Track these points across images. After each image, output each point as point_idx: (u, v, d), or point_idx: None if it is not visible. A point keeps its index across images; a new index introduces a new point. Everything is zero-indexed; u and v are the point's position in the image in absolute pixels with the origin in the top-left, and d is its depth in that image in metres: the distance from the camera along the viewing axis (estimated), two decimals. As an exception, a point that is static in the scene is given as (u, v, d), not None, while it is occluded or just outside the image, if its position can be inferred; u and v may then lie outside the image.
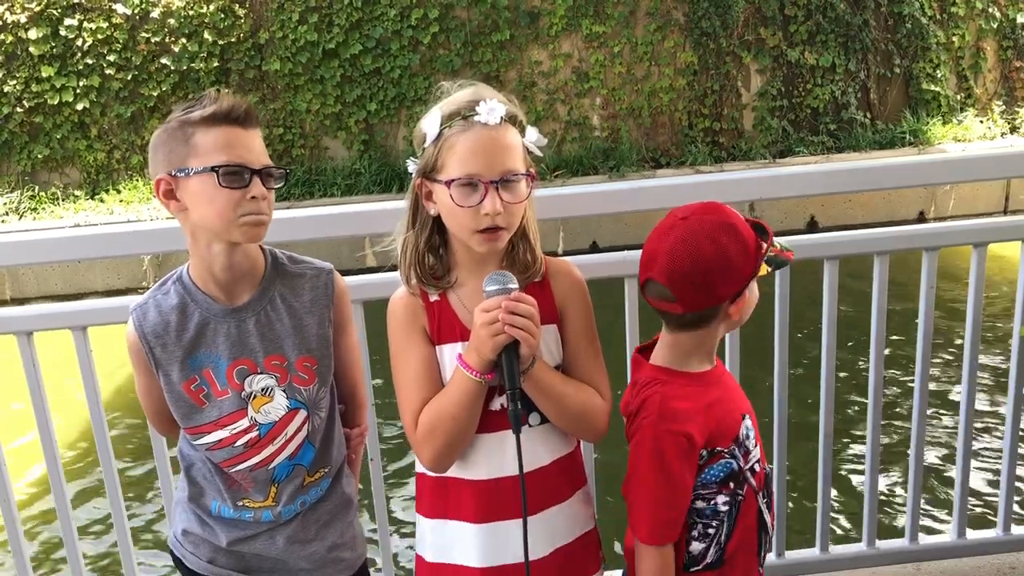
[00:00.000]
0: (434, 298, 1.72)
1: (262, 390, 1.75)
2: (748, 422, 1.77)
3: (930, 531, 3.88)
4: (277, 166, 1.69)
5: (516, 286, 1.62)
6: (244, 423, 1.75)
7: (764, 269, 1.68)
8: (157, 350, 1.74)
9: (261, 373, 1.75)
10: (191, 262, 1.76)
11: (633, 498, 1.71)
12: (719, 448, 1.71)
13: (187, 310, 1.74)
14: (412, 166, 1.71)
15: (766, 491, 1.79)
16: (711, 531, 1.73)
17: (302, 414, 1.78)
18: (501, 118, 1.63)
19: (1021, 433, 2.61)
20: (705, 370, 1.77)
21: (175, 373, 1.74)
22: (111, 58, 9.45)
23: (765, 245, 1.68)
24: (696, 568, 1.74)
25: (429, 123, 1.66)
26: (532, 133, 1.71)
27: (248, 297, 1.76)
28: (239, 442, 1.76)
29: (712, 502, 1.72)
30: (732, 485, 1.72)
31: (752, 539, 1.77)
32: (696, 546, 1.73)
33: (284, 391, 1.76)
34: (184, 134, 1.63)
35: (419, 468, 1.80)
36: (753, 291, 1.73)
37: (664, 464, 1.66)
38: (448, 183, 1.61)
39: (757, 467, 1.77)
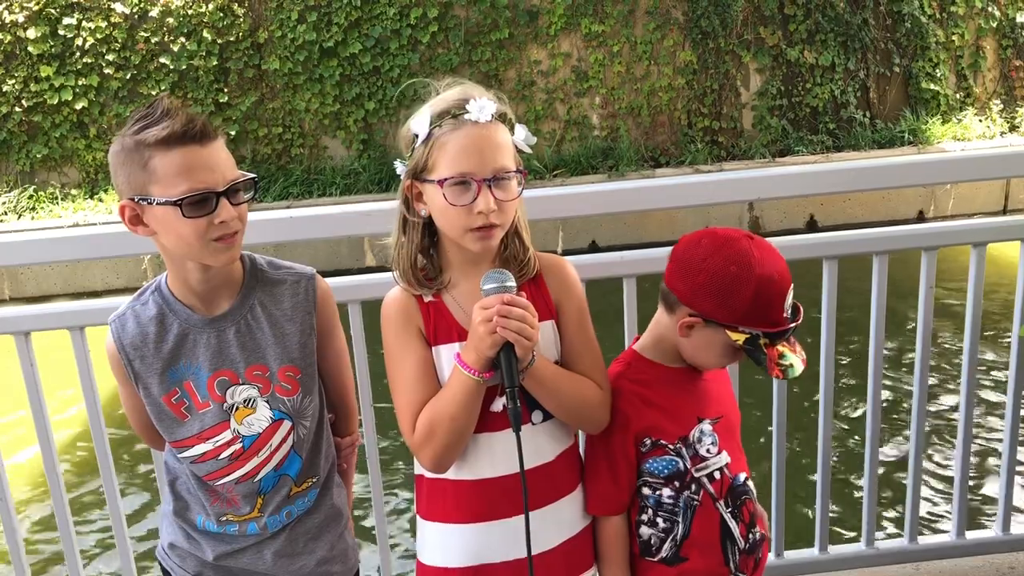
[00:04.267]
0: (429, 299, 1.72)
1: (244, 401, 1.72)
2: (707, 427, 1.79)
3: (930, 529, 3.88)
4: (244, 176, 1.63)
5: (514, 284, 1.62)
6: (227, 435, 1.72)
7: (737, 338, 1.68)
8: (136, 362, 1.70)
9: (243, 384, 1.71)
10: (168, 273, 1.72)
11: (587, 468, 1.82)
12: (663, 441, 1.77)
13: (166, 321, 1.71)
14: (400, 168, 1.71)
15: (732, 500, 1.80)
16: (661, 523, 1.78)
17: (286, 425, 1.75)
18: (492, 116, 1.63)
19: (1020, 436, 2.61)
20: (675, 367, 1.82)
21: (155, 386, 1.71)
22: (110, 57, 9.43)
23: (759, 332, 1.68)
24: (650, 558, 1.80)
25: (418, 123, 1.65)
26: (521, 131, 1.70)
27: (228, 306, 1.72)
28: (223, 455, 1.73)
29: (657, 492, 1.78)
30: (678, 484, 1.77)
31: (716, 546, 1.79)
32: (645, 531, 1.80)
33: (267, 402, 1.72)
34: (141, 157, 1.56)
35: (418, 470, 1.80)
36: (708, 345, 1.73)
37: (606, 438, 1.77)
38: (440, 182, 1.61)
39: (718, 474, 1.79)
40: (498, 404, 1.68)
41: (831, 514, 2.59)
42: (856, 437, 4.85)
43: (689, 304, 1.73)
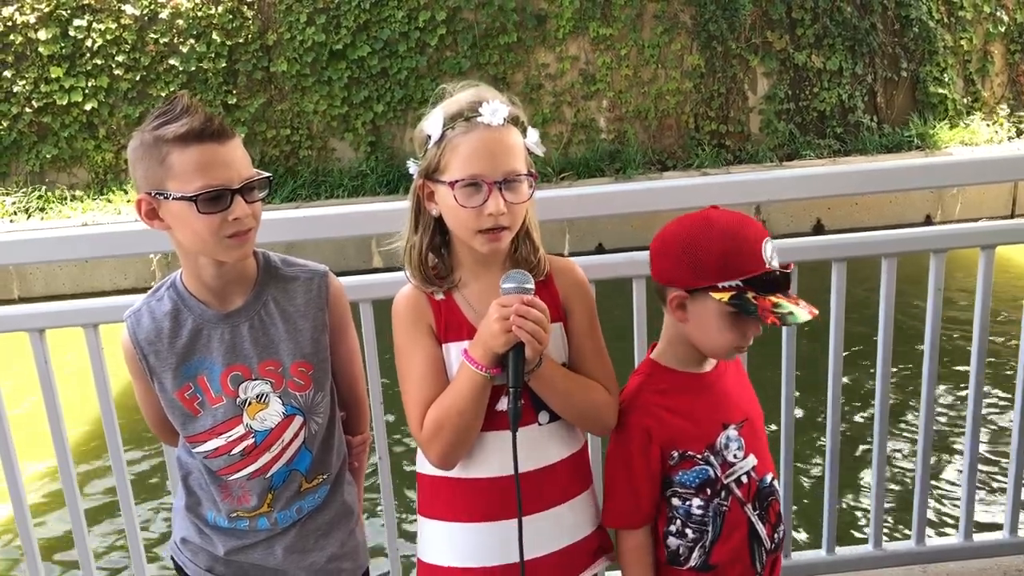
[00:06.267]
0: (439, 297, 1.73)
1: (257, 396, 1.73)
2: (732, 432, 1.78)
3: (938, 528, 3.88)
4: (259, 175, 1.65)
5: (533, 287, 1.64)
6: (240, 430, 1.73)
7: (721, 296, 1.65)
8: (151, 357, 1.72)
9: (255, 379, 1.73)
10: (182, 269, 1.74)
11: (605, 481, 1.80)
12: (690, 452, 1.75)
13: (180, 316, 1.72)
14: (413, 167, 1.72)
15: (760, 503, 1.79)
16: (689, 532, 1.76)
17: (298, 420, 1.76)
18: (504, 119, 1.64)
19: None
20: (695, 372, 1.80)
21: (168, 381, 1.73)
22: (120, 59, 9.47)
23: (738, 283, 1.64)
24: (679, 567, 1.78)
25: (431, 124, 1.67)
26: (533, 134, 1.72)
27: (241, 302, 1.74)
28: (235, 450, 1.74)
29: (687, 503, 1.76)
30: (708, 492, 1.75)
31: (744, 550, 1.78)
32: (673, 542, 1.78)
33: (279, 397, 1.74)
34: (159, 152, 1.58)
35: (419, 468, 1.80)
36: (704, 321, 1.70)
37: (626, 452, 1.76)
38: (451, 184, 1.62)
39: (746, 478, 1.78)
40: (504, 403, 1.68)
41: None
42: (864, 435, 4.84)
43: (671, 282, 1.73)
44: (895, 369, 2.56)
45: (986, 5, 10.32)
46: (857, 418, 5.11)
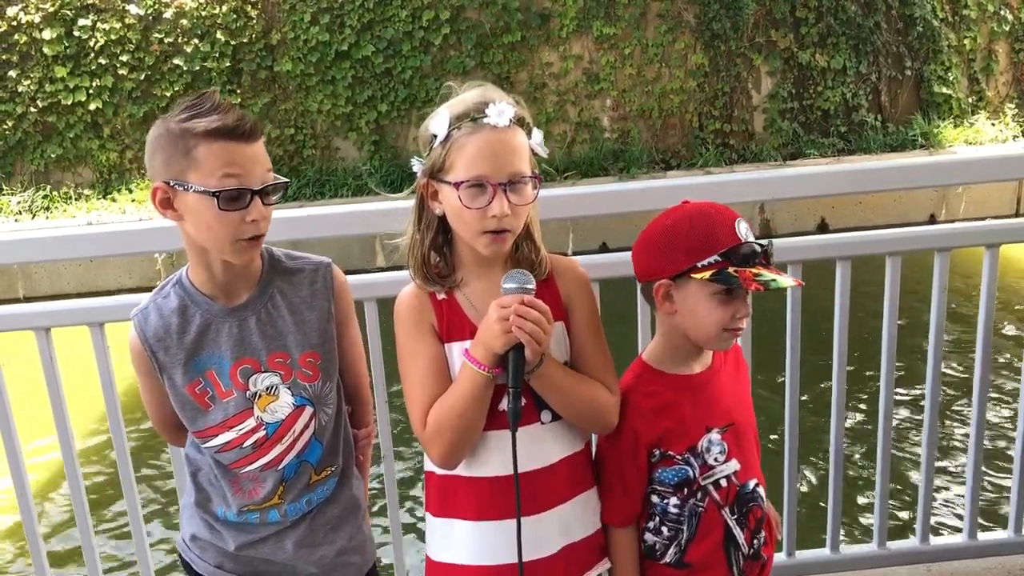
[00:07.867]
0: (441, 296, 1.74)
1: (267, 389, 1.74)
2: (715, 436, 1.79)
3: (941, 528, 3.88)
4: (277, 179, 1.66)
5: (534, 287, 1.64)
6: (251, 423, 1.75)
7: (703, 276, 1.68)
8: (160, 354, 1.73)
9: (265, 372, 1.74)
10: (189, 265, 1.76)
11: (599, 479, 1.83)
12: (671, 452, 1.77)
13: (188, 312, 1.74)
14: (417, 166, 1.73)
15: (739, 507, 1.80)
16: (665, 530, 1.79)
17: (308, 411, 1.77)
18: (510, 120, 1.64)
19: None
20: (684, 373, 1.82)
21: (178, 376, 1.73)
22: (124, 58, 9.49)
23: (715, 258, 1.67)
24: (655, 561, 1.81)
25: (437, 124, 1.67)
26: (537, 135, 1.72)
27: (248, 296, 1.75)
28: (247, 443, 1.75)
29: (665, 501, 1.79)
30: (685, 492, 1.78)
31: (719, 553, 1.80)
32: (650, 537, 1.81)
33: (289, 388, 1.75)
34: (185, 144, 1.59)
35: (427, 467, 1.81)
36: (693, 306, 1.72)
37: (616, 453, 1.79)
38: (456, 184, 1.62)
39: (725, 482, 1.79)
40: (507, 402, 1.68)
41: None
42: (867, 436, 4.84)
43: (652, 275, 1.75)
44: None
45: (990, 4, 10.30)
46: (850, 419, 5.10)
